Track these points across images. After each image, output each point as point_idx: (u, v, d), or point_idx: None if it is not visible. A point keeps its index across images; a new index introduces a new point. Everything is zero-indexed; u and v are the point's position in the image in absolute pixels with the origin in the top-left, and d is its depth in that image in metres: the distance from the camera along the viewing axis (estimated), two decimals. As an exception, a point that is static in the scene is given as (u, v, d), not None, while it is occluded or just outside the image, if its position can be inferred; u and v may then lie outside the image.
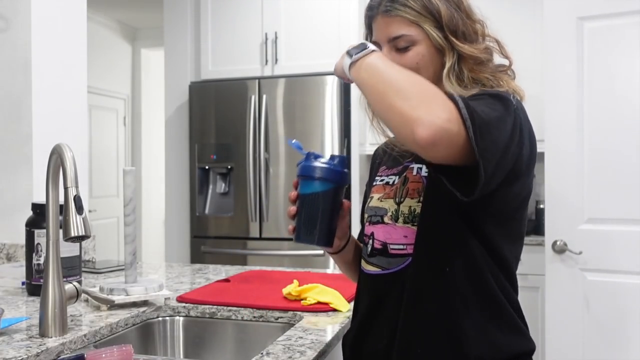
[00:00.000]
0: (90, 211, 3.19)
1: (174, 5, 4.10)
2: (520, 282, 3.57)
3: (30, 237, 1.70)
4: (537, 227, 3.40)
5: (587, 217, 2.47)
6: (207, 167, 3.82)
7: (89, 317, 1.46)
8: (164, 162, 4.16)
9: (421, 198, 1.13)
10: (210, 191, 3.85)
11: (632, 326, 2.40)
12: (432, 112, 0.91)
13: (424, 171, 1.14)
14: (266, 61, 3.72)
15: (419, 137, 0.90)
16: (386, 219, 1.18)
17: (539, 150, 3.10)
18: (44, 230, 1.36)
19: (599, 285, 2.47)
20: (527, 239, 3.23)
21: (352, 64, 1.04)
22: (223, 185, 3.81)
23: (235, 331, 1.58)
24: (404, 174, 1.19)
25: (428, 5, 1.12)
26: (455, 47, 1.12)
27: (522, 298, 3.54)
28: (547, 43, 2.58)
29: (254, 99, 3.63)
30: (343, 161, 1.16)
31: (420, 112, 0.91)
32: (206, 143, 3.79)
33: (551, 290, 2.57)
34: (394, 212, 1.16)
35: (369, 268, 1.21)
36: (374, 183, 1.27)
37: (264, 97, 3.61)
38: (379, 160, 1.33)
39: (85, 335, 1.32)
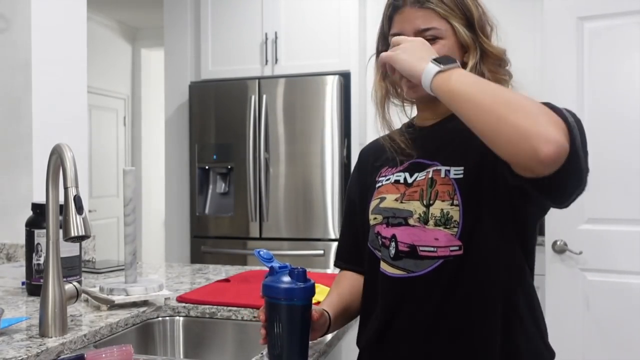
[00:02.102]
0: (90, 211, 3.19)
1: (174, 5, 4.10)
2: (520, 282, 3.46)
3: (30, 237, 1.70)
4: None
5: (587, 217, 2.47)
6: (207, 167, 3.81)
7: (89, 317, 1.46)
8: (164, 162, 4.16)
9: (454, 201, 1.11)
10: (210, 191, 3.85)
11: (632, 326, 2.40)
12: (551, 129, 0.92)
13: (453, 173, 1.13)
14: (266, 61, 3.72)
15: (544, 154, 0.90)
16: (412, 221, 1.15)
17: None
18: (44, 230, 1.36)
19: (599, 285, 2.47)
20: (527, 239, 3.27)
21: (439, 73, 1.02)
22: (223, 185, 3.81)
23: (235, 331, 1.58)
24: (430, 176, 1.16)
25: (459, 3, 1.15)
26: (482, 45, 1.15)
27: (522, 298, 3.44)
28: (547, 43, 2.58)
29: (254, 99, 3.63)
30: (304, 275, 1.12)
31: (540, 128, 0.91)
32: (206, 143, 3.79)
33: (551, 290, 2.57)
34: (421, 215, 1.14)
35: (391, 271, 1.17)
36: (380, 183, 1.24)
37: (264, 97, 3.61)
38: (375, 160, 1.30)
39: (85, 335, 1.32)
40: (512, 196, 1.08)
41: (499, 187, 1.08)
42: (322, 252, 3.41)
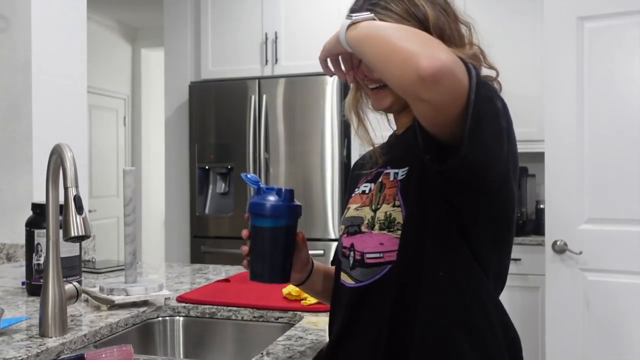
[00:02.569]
0: (90, 211, 3.19)
1: (174, 5, 4.10)
2: (520, 282, 3.56)
3: (30, 237, 1.70)
4: (537, 227, 3.41)
5: (587, 217, 2.47)
6: (207, 167, 3.81)
7: (89, 317, 1.46)
8: (164, 162, 4.16)
9: (396, 202, 1.05)
10: (210, 191, 3.85)
11: (632, 326, 2.40)
12: (437, 52, 0.86)
13: (400, 175, 1.08)
14: (266, 61, 3.72)
15: (422, 68, 0.83)
16: (363, 228, 1.10)
17: (539, 150, 3.08)
18: (44, 230, 1.36)
19: (599, 285, 2.47)
20: (527, 239, 3.28)
21: (351, 25, 0.96)
22: (223, 185, 3.81)
23: (235, 331, 1.58)
24: (380, 180, 1.12)
25: (412, 9, 1.06)
26: None
27: (522, 298, 3.53)
28: (547, 43, 2.58)
29: (254, 99, 3.63)
30: (291, 194, 1.10)
31: (424, 50, 0.86)
32: (206, 143, 3.79)
33: (551, 290, 2.57)
34: (369, 220, 1.09)
35: (348, 281, 1.11)
36: (352, 194, 1.21)
37: (264, 97, 3.61)
38: (360, 170, 1.27)
39: (85, 335, 1.32)
40: (446, 192, 1.00)
41: (438, 185, 1.00)
42: (322, 252, 3.41)
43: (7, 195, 2.14)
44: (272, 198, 1.09)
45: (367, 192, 1.15)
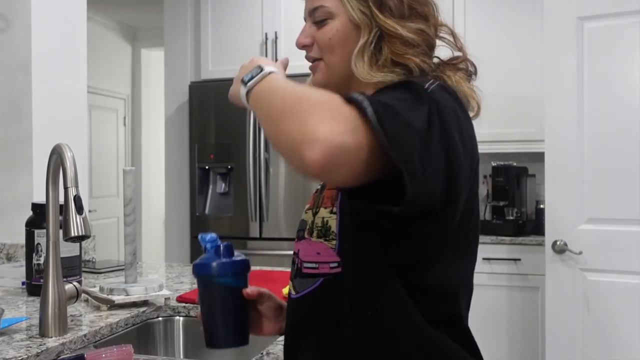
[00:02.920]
0: (90, 211, 3.19)
1: (174, 5, 4.10)
2: (520, 282, 3.56)
3: (30, 237, 1.70)
4: (537, 227, 3.41)
5: (587, 217, 2.47)
6: (207, 167, 3.81)
7: (89, 317, 1.46)
8: (164, 162, 4.16)
9: (333, 208, 0.95)
10: (210, 191, 3.85)
11: (632, 326, 2.40)
12: (322, 126, 0.72)
13: None
14: (266, 61, 3.72)
15: (308, 161, 0.71)
16: (305, 233, 0.99)
17: (539, 150, 3.09)
18: (44, 230, 1.36)
19: (599, 285, 2.47)
20: (527, 239, 3.28)
21: (248, 93, 0.89)
22: (223, 185, 3.81)
23: (235, 331, 1.58)
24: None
25: None
26: (377, 21, 0.94)
27: (522, 298, 3.53)
28: (547, 43, 2.58)
29: (254, 99, 3.63)
30: (227, 250, 1.02)
31: (307, 128, 0.72)
32: (206, 143, 3.79)
33: (551, 290, 2.57)
34: (310, 225, 0.98)
35: (293, 291, 1.03)
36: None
37: (264, 97, 3.61)
38: None
39: (85, 335, 1.32)
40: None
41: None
42: (322, 252, 3.40)
43: (7, 195, 2.14)
44: (210, 256, 1.02)
45: (316, 192, 1.05)
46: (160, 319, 1.60)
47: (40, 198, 1.72)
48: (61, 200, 1.24)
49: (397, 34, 0.94)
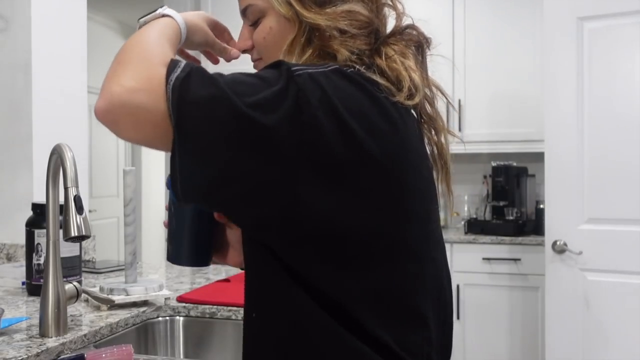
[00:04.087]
0: (90, 211, 3.19)
1: (174, 5, 4.10)
2: (520, 282, 3.56)
3: (30, 237, 1.70)
4: (537, 227, 3.41)
5: (587, 217, 2.47)
6: (207, 167, 3.81)
7: (89, 317, 1.46)
8: (164, 162, 4.16)
9: None
10: (210, 191, 3.84)
11: (632, 326, 2.40)
12: (119, 80, 0.73)
13: None
14: (266, 61, 3.72)
15: (95, 108, 0.73)
16: None
17: (539, 150, 3.08)
18: (44, 230, 1.36)
19: (599, 285, 2.47)
20: (527, 239, 3.28)
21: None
22: (223, 185, 3.80)
23: (235, 331, 1.58)
24: None
25: None
26: (298, 15, 0.89)
27: (522, 298, 3.53)
28: (547, 43, 2.58)
29: (254, 99, 3.63)
30: None
31: (110, 77, 0.75)
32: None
33: (551, 290, 2.57)
34: None
35: None
36: None
37: (264, 97, 3.60)
38: None
39: (85, 335, 1.32)
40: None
41: None
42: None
43: (7, 195, 2.14)
44: None
45: None
46: (160, 319, 1.60)
47: (40, 198, 1.72)
48: (61, 200, 1.24)
49: (316, 25, 0.88)
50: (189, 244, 1.01)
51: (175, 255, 1.02)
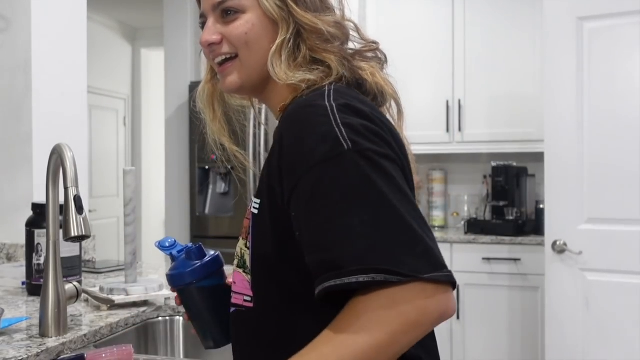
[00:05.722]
0: (90, 211, 3.19)
1: (174, 5, 4.10)
2: (520, 282, 3.57)
3: (30, 237, 1.70)
4: (537, 227, 3.41)
5: (587, 217, 2.47)
6: (207, 167, 3.81)
7: (89, 317, 1.46)
8: (164, 162, 4.15)
9: (247, 242, 0.90)
10: (210, 191, 3.85)
11: (632, 326, 2.40)
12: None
13: (253, 206, 0.89)
14: (266, 61, 3.72)
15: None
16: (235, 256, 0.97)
17: (539, 150, 3.09)
18: (44, 230, 1.36)
19: (599, 285, 2.47)
20: (527, 239, 3.28)
21: None
22: (223, 185, 3.81)
23: (235, 331, 1.58)
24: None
25: None
26: (294, 17, 0.88)
27: (522, 298, 3.53)
28: (547, 43, 2.58)
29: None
30: (197, 252, 1.01)
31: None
32: (206, 143, 3.79)
33: (551, 290, 2.57)
34: (236, 250, 0.96)
35: None
36: None
37: (264, 97, 3.61)
38: None
39: (85, 335, 1.32)
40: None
41: (285, 233, 0.82)
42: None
43: (7, 195, 2.14)
44: (181, 264, 1.01)
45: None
46: (160, 319, 1.60)
47: (40, 198, 1.72)
48: (61, 200, 1.24)
49: (317, 29, 0.88)
50: (217, 322, 1.02)
51: (210, 339, 1.04)
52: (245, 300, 0.89)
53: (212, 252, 1.03)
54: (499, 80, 3.47)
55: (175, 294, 1.05)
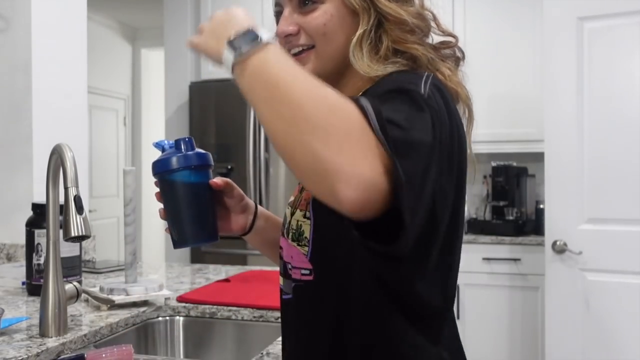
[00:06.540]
0: (90, 211, 3.19)
1: (174, 5, 4.10)
2: (520, 282, 3.57)
3: (30, 237, 1.70)
4: (537, 227, 3.41)
5: (587, 217, 2.47)
6: (207, 167, 3.81)
7: (89, 317, 1.46)
8: (164, 162, 4.15)
9: (307, 212, 0.88)
10: (210, 191, 3.85)
11: (632, 326, 2.40)
12: (362, 161, 0.66)
13: None
14: (266, 61, 3.72)
15: (343, 198, 0.66)
16: (284, 232, 0.95)
17: (539, 150, 3.09)
18: (44, 230, 1.36)
19: (599, 285, 2.47)
20: (527, 239, 3.28)
21: (237, 63, 0.74)
22: (223, 185, 3.81)
23: (235, 331, 1.58)
24: None
25: None
26: (376, 6, 0.86)
27: (522, 298, 3.54)
28: (547, 43, 2.58)
29: (254, 99, 3.63)
30: (187, 144, 0.97)
31: (345, 160, 0.65)
32: (206, 143, 3.79)
33: (551, 290, 2.57)
34: (287, 224, 0.93)
35: (282, 292, 0.97)
36: None
37: (264, 97, 3.61)
38: None
39: (85, 335, 1.32)
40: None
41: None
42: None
43: (7, 195, 2.14)
44: (168, 153, 0.97)
45: (299, 183, 0.95)
46: (160, 319, 1.60)
47: (40, 198, 1.72)
48: (61, 200, 1.24)
49: (401, 20, 0.86)
50: (192, 220, 0.97)
51: (181, 238, 0.99)
52: (302, 274, 0.89)
53: (203, 151, 0.99)
54: (499, 80, 3.47)
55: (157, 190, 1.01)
